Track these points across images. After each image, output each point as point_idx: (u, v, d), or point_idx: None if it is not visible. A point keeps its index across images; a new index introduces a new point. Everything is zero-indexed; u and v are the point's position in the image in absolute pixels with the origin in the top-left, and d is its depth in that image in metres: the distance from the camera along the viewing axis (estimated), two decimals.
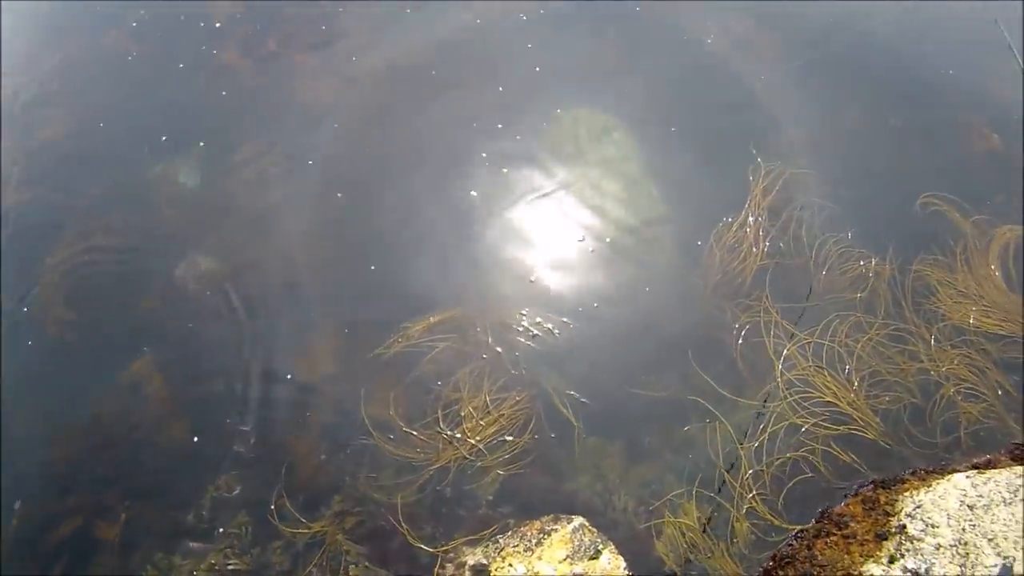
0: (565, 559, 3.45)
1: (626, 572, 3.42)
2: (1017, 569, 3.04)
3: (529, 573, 3.44)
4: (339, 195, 5.07)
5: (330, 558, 3.71)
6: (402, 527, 3.73)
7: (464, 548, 3.69)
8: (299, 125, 5.49)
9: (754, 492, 3.69)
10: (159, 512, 3.97)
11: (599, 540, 3.52)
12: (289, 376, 4.32)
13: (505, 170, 5.05)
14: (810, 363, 4.05)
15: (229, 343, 4.48)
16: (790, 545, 3.65)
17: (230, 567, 3.78)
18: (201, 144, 5.43)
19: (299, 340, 4.46)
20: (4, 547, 3.93)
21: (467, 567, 3.61)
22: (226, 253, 4.85)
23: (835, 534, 3.66)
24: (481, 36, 5.89)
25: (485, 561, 3.58)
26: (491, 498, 3.80)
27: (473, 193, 4.96)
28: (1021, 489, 3.42)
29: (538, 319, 4.37)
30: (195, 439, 4.15)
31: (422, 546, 3.69)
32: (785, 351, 4.07)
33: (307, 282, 4.71)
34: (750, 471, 3.73)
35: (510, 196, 4.96)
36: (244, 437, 4.08)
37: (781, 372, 3.99)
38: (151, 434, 4.21)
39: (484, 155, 5.11)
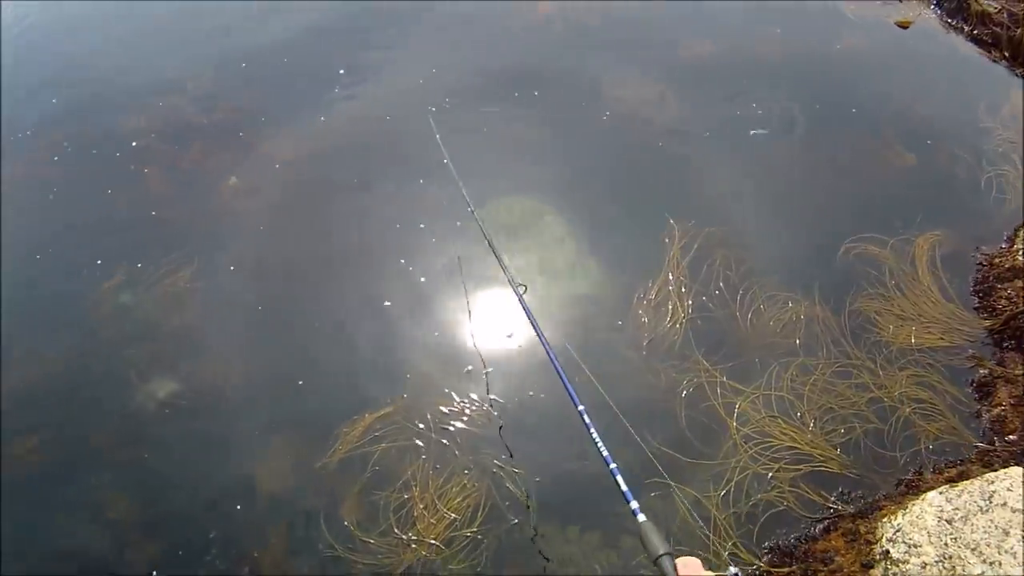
0: None
1: None
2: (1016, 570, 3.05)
3: None
4: (259, 308, 5.18)
5: None
6: None
7: None
8: (221, 237, 5.69)
9: (732, 540, 3.77)
10: None
11: None
12: (244, 493, 4.36)
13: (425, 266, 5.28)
14: (762, 414, 4.19)
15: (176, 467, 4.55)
16: None
17: None
18: (138, 265, 5.56)
19: (245, 459, 4.49)
20: None
21: None
22: (165, 376, 4.92)
23: (822, 571, 3.71)
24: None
25: None
26: None
27: (392, 299, 5.10)
28: (994, 495, 3.50)
29: (476, 405, 4.44)
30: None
31: None
32: (737, 407, 4.20)
33: (240, 400, 4.75)
34: (719, 519, 3.80)
35: (435, 289, 5.12)
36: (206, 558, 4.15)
37: (736, 428, 4.12)
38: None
39: (403, 261, 5.31)
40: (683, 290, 4.75)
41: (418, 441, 4.35)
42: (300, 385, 4.72)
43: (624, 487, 2.29)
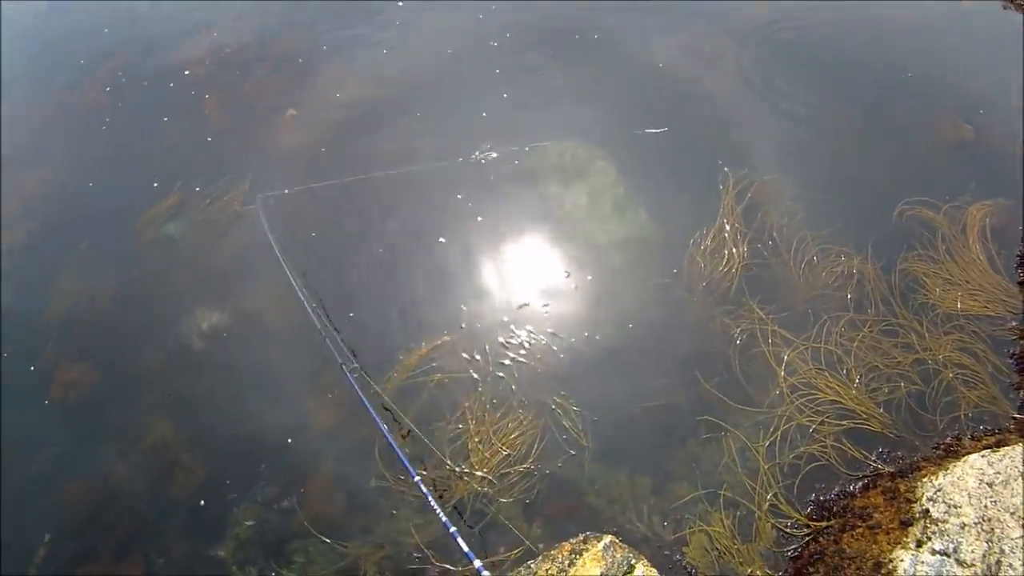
0: None
1: None
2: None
3: None
4: (313, 234, 5.20)
5: None
6: (433, 562, 3.76)
7: None
8: (277, 164, 5.71)
9: (774, 491, 3.75)
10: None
11: (631, 555, 3.54)
12: (296, 423, 4.40)
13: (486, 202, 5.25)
14: (809, 365, 4.15)
15: (231, 395, 4.62)
16: (817, 542, 3.69)
17: None
18: (196, 188, 5.64)
19: (300, 386, 4.54)
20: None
21: None
22: (219, 304, 4.96)
23: (860, 526, 3.70)
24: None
25: None
26: (514, 527, 3.82)
27: (448, 233, 5.10)
28: None
29: (534, 341, 4.44)
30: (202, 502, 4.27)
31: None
32: (785, 356, 4.17)
33: (291, 328, 4.76)
34: (765, 469, 3.80)
35: (494, 225, 5.11)
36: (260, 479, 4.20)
37: (784, 377, 4.10)
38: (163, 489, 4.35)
39: (459, 196, 5.28)
40: (738, 237, 4.67)
41: (474, 374, 4.32)
42: (352, 316, 4.73)
43: (465, 548, 2.55)
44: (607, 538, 3.65)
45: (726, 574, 3.58)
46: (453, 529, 2.56)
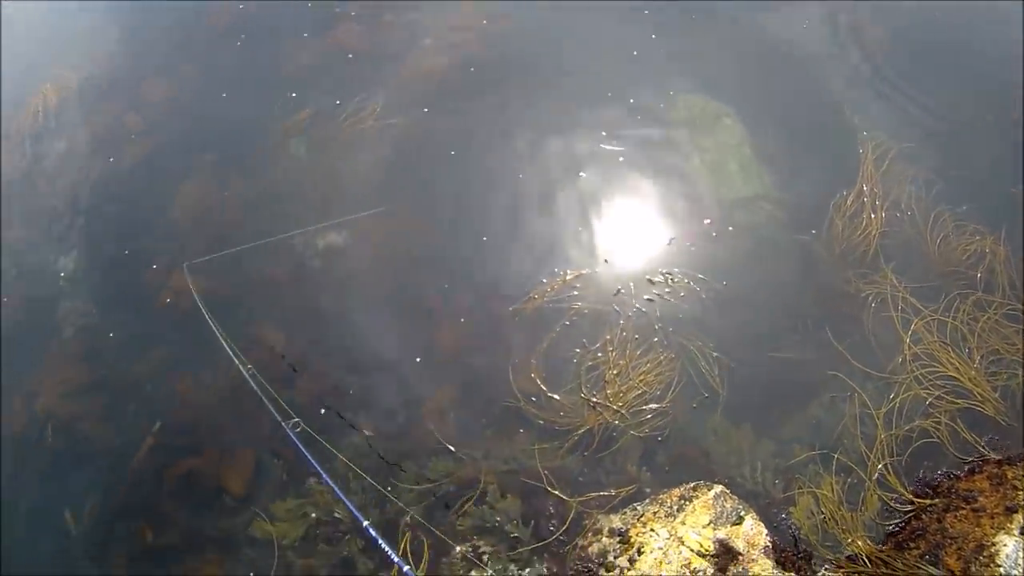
0: (708, 524, 3.43)
1: (768, 538, 3.40)
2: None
3: (672, 537, 3.40)
4: (452, 153, 5.13)
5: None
6: (551, 489, 3.80)
7: (601, 515, 3.68)
8: (414, 85, 5.61)
9: (885, 461, 3.68)
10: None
11: (740, 507, 3.50)
12: (424, 341, 4.42)
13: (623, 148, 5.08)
14: (934, 338, 4.04)
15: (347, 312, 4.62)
16: (919, 519, 3.64)
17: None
18: (337, 102, 5.58)
19: (431, 300, 4.53)
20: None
21: (605, 532, 3.57)
22: (346, 224, 4.93)
23: (964, 508, 3.65)
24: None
25: (624, 527, 3.55)
26: (630, 464, 3.81)
27: (588, 170, 4.99)
28: None
29: (678, 281, 4.37)
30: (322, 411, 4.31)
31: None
32: (912, 325, 4.06)
33: (429, 243, 4.79)
34: (881, 437, 3.73)
35: (633, 170, 4.98)
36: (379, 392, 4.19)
37: (908, 345, 3.99)
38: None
39: (604, 133, 5.12)
40: (876, 203, 4.49)
41: (616, 307, 4.26)
42: (485, 241, 4.71)
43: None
44: (718, 487, 3.60)
45: (828, 539, 3.54)
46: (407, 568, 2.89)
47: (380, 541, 2.81)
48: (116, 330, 4.91)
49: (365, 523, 2.93)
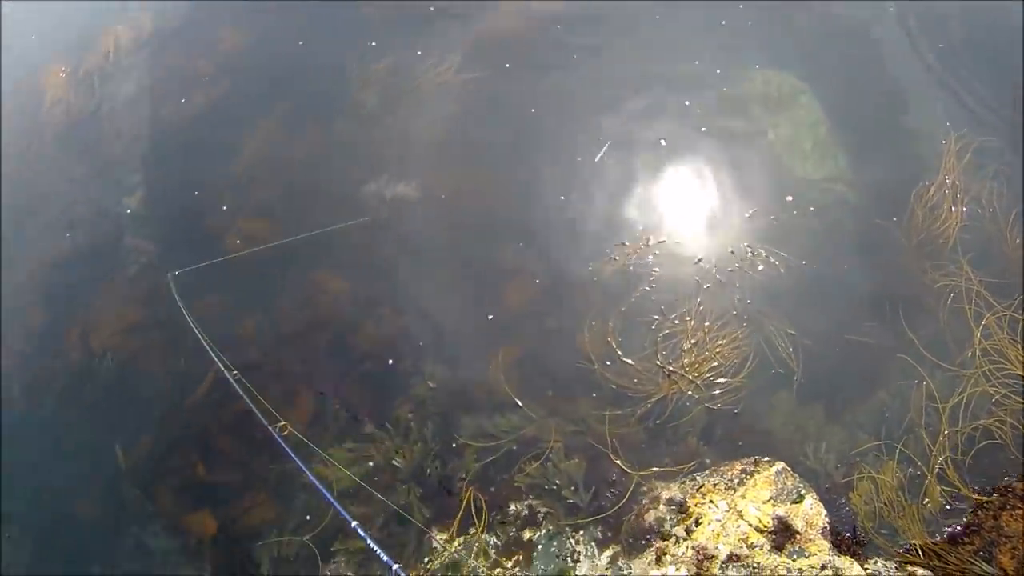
0: (768, 500, 3.45)
1: (827, 519, 3.40)
2: None
3: (731, 510, 3.43)
4: (533, 110, 5.08)
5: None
6: (614, 457, 3.82)
7: (660, 483, 3.71)
8: (496, 38, 5.56)
9: (946, 455, 3.65)
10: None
11: (801, 485, 3.51)
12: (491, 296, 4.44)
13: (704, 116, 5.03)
14: (1004, 334, 3.96)
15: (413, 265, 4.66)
16: (975, 515, 3.62)
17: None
18: (418, 52, 5.55)
19: (507, 258, 4.54)
20: None
21: (663, 501, 3.61)
22: (417, 176, 4.92)
23: (1020, 508, 3.63)
24: None
25: (682, 497, 3.58)
26: (692, 436, 3.83)
27: (665, 136, 4.92)
28: None
29: (759, 254, 4.33)
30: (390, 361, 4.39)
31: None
32: (984, 320, 3.99)
33: (507, 201, 4.80)
34: (945, 432, 3.70)
35: (713, 139, 4.90)
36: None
37: (979, 340, 3.93)
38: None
39: (687, 102, 5.03)
40: (957, 196, 4.38)
41: (697, 278, 4.23)
42: (562, 200, 4.69)
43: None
44: (779, 464, 3.60)
45: (883, 527, 3.53)
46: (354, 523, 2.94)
47: (369, 541, 2.81)
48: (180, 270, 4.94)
49: (354, 524, 2.92)
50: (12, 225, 5.86)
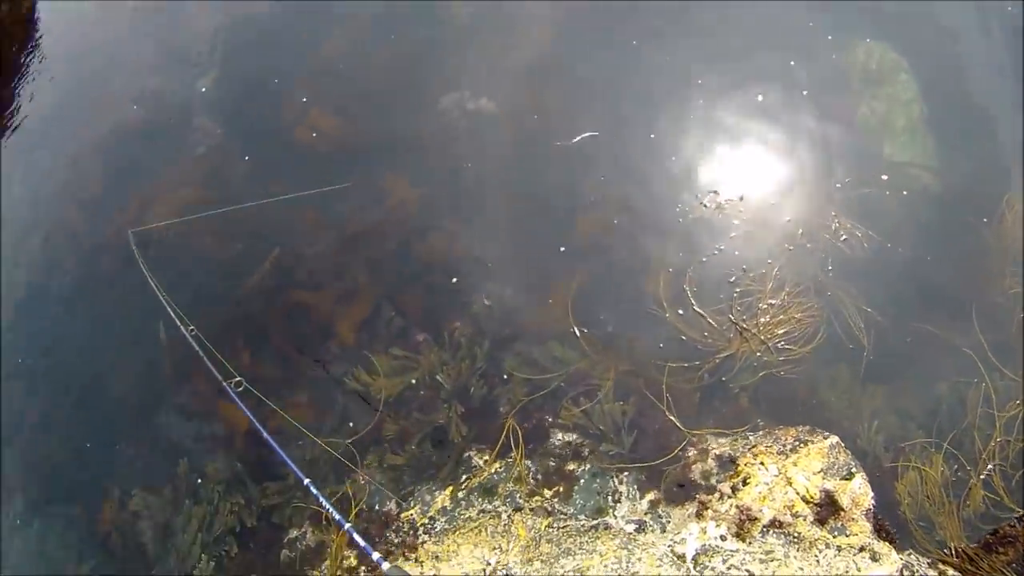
0: (819, 472, 3.41)
1: (872, 501, 3.37)
2: None
3: (781, 476, 3.39)
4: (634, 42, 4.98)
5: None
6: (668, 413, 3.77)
7: (711, 436, 3.66)
8: None
9: (996, 462, 3.63)
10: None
11: (853, 463, 3.47)
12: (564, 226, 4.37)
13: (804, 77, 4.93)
14: None
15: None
16: (1012, 526, 3.60)
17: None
18: None
19: (588, 192, 4.46)
20: None
21: (711, 455, 3.57)
22: (501, 94, 4.80)
23: None
24: None
25: (733, 454, 3.54)
26: (745, 398, 3.78)
27: (760, 97, 4.81)
28: None
29: (847, 226, 4.24)
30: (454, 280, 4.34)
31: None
32: None
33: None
34: (997, 440, 3.66)
35: (811, 104, 4.79)
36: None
37: None
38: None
39: (792, 63, 4.91)
40: None
41: (782, 239, 4.17)
42: (652, 139, 4.60)
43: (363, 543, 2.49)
44: (834, 438, 3.56)
45: (923, 520, 3.50)
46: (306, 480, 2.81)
47: (324, 500, 2.68)
48: (250, 155, 4.89)
49: (306, 481, 2.79)
50: (78, 95, 5.77)
